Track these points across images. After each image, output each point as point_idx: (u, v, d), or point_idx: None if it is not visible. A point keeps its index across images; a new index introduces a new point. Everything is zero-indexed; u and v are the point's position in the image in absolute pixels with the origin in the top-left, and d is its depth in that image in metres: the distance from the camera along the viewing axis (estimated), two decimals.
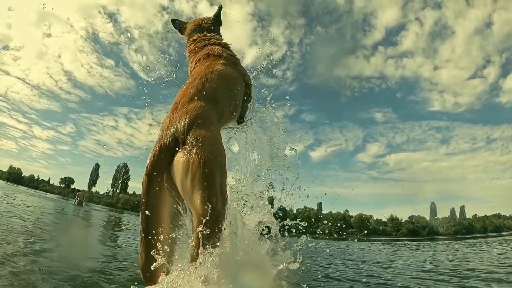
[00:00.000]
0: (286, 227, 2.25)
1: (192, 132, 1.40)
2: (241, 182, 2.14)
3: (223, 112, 1.77)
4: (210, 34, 2.29)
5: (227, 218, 1.42)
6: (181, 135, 1.40)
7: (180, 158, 1.36)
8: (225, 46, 2.23)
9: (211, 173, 1.35)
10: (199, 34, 2.28)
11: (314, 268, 2.72)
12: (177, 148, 1.39)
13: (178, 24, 2.44)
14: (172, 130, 1.42)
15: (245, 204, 2.11)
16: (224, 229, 1.38)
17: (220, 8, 2.42)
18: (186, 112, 1.47)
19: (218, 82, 1.78)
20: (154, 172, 1.38)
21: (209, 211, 1.29)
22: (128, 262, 2.79)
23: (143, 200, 1.37)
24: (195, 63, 2.03)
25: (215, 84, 1.74)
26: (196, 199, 1.32)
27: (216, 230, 1.32)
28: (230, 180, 1.94)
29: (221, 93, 1.77)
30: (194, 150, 1.35)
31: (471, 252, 9.11)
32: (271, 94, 2.46)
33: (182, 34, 2.44)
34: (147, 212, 1.36)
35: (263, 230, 2.00)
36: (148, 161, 1.40)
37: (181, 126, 1.41)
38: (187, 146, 1.37)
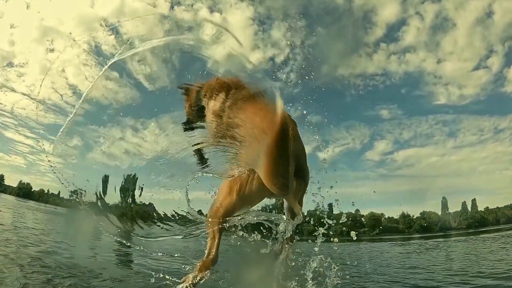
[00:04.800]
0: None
1: (306, 163, 2.20)
2: None
3: None
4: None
5: None
6: (301, 162, 2.13)
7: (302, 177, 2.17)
8: None
9: None
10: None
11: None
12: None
13: (186, 90, 2.58)
14: (295, 155, 1.95)
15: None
16: None
17: None
18: (303, 149, 2.19)
19: None
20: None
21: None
22: None
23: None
24: (247, 93, 2.06)
25: None
26: (301, 200, 2.36)
27: None
28: None
29: None
30: (308, 178, 2.26)
31: (495, 249, 8.78)
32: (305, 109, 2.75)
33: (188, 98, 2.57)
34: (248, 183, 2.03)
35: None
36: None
37: (301, 160, 2.14)
38: (303, 172, 2.17)
